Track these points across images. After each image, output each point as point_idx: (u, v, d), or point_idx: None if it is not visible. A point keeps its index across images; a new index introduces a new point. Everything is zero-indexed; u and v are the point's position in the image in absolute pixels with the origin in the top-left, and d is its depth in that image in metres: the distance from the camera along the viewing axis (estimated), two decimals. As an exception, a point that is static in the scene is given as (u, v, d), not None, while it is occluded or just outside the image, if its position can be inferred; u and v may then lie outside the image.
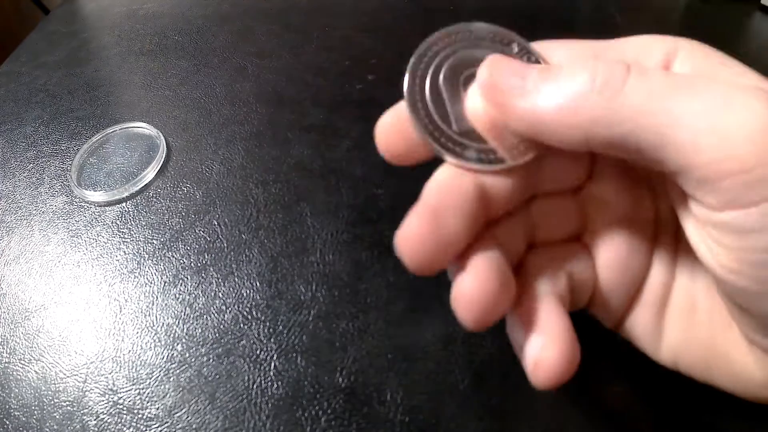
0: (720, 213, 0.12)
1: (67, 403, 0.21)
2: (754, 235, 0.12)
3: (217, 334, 0.22)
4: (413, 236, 0.14)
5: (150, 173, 0.30)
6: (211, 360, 0.22)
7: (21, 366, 0.22)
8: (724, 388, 0.16)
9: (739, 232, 0.12)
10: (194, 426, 0.20)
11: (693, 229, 0.14)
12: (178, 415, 0.20)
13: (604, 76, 0.13)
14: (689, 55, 0.15)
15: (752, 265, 0.12)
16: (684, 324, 0.17)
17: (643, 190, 0.17)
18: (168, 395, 0.21)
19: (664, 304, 0.17)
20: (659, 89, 0.13)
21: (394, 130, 0.16)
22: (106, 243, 0.26)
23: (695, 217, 0.14)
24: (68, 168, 0.31)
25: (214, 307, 0.23)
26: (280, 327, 0.22)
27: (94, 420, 0.20)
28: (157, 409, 0.20)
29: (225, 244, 0.26)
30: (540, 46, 0.17)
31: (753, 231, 0.12)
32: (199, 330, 0.23)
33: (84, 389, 0.21)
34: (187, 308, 0.23)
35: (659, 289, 0.17)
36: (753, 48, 0.39)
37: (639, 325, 0.17)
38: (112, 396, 0.21)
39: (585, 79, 0.13)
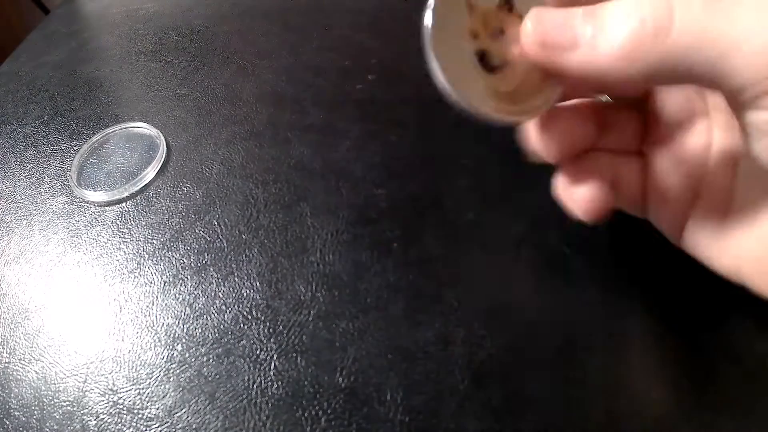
0: None
1: (67, 403, 0.21)
2: None
3: (217, 334, 0.22)
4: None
5: (150, 173, 0.30)
6: (211, 360, 0.22)
7: (21, 366, 0.22)
8: None
9: None
10: (194, 426, 0.20)
11: (751, 131, 0.15)
12: (178, 415, 0.20)
13: (653, 17, 0.14)
14: None
15: None
16: (749, 223, 0.17)
17: (697, 99, 0.19)
18: (168, 395, 0.21)
19: (726, 207, 0.18)
20: (705, 18, 0.14)
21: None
22: (106, 243, 0.26)
23: (754, 120, 0.15)
24: (68, 168, 0.31)
25: (214, 307, 0.23)
26: (280, 327, 0.22)
27: (94, 420, 0.20)
28: (157, 409, 0.20)
29: (225, 244, 0.26)
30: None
31: None
32: (199, 330, 0.23)
33: (84, 389, 0.21)
34: (187, 308, 0.23)
35: (720, 193, 0.18)
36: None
37: (701, 230, 0.18)
38: (112, 396, 0.21)
39: (635, 22, 0.14)
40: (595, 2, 0.16)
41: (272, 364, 0.21)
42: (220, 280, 0.24)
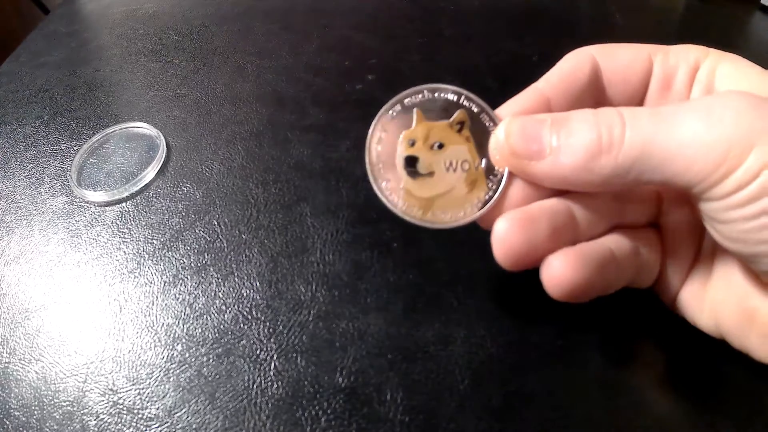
0: (720, 202, 0.16)
1: (67, 403, 0.21)
2: (745, 207, 0.15)
3: (217, 334, 0.22)
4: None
5: (150, 173, 0.30)
6: (211, 360, 0.22)
7: (21, 366, 0.22)
8: (757, 354, 0.18)
9: (734, 207, 0.15)
10: (194, 426, 0.20)
11: (704, 217, 0.17)
12: (178, 415, 0.20)
13: (608, 135, 0.16)
14: (713, 62, 0.19)
15: (747, 231, 0.15)
16: (723, 286, 0.19)
17: None
18: (168, 395, 0.21)
19: (708, 273, 0.19)
20: (650, 129, 0.16)
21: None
22: (106, 243, 0.26)
23: (704, 208, 0.17)
24: (68, 168, 0.31)
25: (214, 307, 0.23)
26: (280, 327, 0.22)
27: (94, 420, 0.20)
28: (157, 409, 0.20)
29: (225, 244, 0.26)
30: (601, 50, 0.20)
31: (743, 203, 0.15)
32: (199, 330, 0.23)
33: (84, 389, 0.21)
34: (187, 308, 0.23)
35: (706, 262, 0.20)
36: (753, 48, 0.39)
37: (688, 294, 0.20)
38: (112, 396, 0.21)
39: (594, 138, 0.16)
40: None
41: (272, 364, 0.21)
42: (220, 280, 0.24)
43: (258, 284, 0.24)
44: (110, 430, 0.20)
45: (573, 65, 0.20)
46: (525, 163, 0.18)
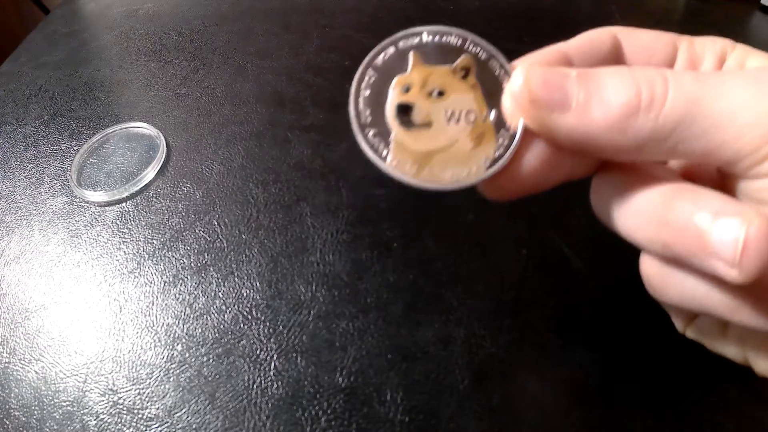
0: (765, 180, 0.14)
1: (67, 403, 0.21)
2: None
3: (217, 334, 0.22)
4: None
5: (150, 173, 0.30)
6: (211, 360, 0.22)
7: (21, 366, 0.22)
8: None
9: None
10: (194, 426, 0.20)
11: (742, 199, 0.15)
12: (178, 415, 0.20)
13: (649, 93, 0.14)
14: (742, 54, 0.17)
15: None
16: None
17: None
18: (168, 395, 0.21)
19: None
20: (695, 91, 0.14)
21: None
22: (106, 243, 0.26)
23: (746, 187, 0.15)
24: (68, 168, 0.31)
25: (214, 307, 0.23)
26: (280, 327, 0.22)
27: (94, 420, 0.20)
28: (157, 409, 0.20)
29: (225, 244, 0.26)
30: (622, 29, 0.18)
31: None
32: (199, 330, 0.23)
33: (84, 389, 0.21)
34: (187, 308, 0.23)
35: None
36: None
37: (706, 323, 0.18)
38: (112, 396, 0.21)
39: (632, 95, 0.14)
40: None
41: (272, 364, 0.21)
42: (220, 280, 0.24)
43: (258, 284, 0.24)
44: (110, 430, 0.20)
45: (593, 37, 0.18)
46: (546, 114, 0.15)
